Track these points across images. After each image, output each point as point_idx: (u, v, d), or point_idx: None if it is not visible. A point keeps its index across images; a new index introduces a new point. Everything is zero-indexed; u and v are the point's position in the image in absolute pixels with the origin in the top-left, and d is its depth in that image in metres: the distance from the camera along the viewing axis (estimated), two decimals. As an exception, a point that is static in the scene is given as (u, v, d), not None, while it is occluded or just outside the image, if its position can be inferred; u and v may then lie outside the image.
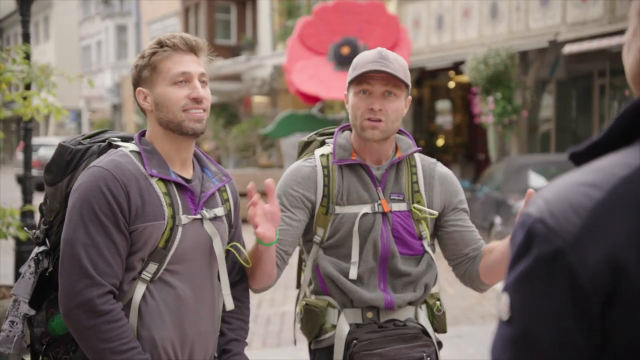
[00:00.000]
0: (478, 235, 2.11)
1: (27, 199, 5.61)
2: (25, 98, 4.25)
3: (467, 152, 16.57)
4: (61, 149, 1.86)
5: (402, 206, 2.01)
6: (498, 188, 8.59)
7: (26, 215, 5.42)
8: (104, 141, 1.88)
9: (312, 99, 11.03)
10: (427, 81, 16.68)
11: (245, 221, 1.90)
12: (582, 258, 0.75)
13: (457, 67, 13.83)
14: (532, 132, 14.93)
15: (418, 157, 2.09)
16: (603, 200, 0.76)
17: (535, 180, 8.23)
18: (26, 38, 5.36)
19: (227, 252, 1.91)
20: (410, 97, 2.03)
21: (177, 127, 1.79)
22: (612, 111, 14.17)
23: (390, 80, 1.93)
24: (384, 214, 1.99)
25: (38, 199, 8.11)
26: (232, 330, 1.94)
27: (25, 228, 2.15)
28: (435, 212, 2.02)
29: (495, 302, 6.74)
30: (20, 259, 5.62)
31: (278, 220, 1.80)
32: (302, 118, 11.46)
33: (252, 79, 18.63)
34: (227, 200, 1.91)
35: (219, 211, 1.86)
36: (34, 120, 4.96)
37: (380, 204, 1.98)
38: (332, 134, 2.15)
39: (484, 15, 14.22)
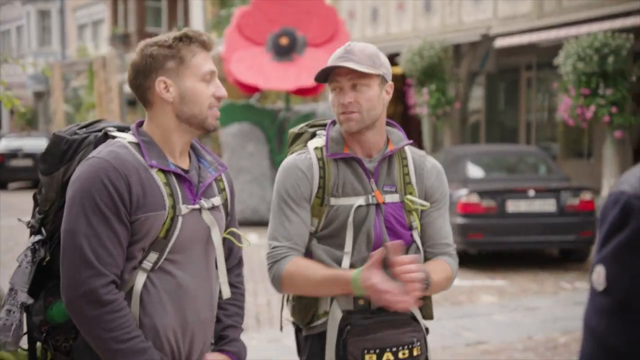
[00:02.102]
0: (443, 236, 2.10)
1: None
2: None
3: (400, 142, 16.82)
4: (56, 139, 1.83)
5: (395, 197, 2.05)
6: (436, 178, 8.80)
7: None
8: (100, 131, 1.87)
9: (251, 89, 10.99)
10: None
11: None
12: None
13: (392, 59, 14.02)
14: (463, 123, 15.34)
15: (408, 149, 2.13)
16: None
17: (472, 170, 8.48)
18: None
19: (224, 239, 1.93)
20: (391, 83, 2.05)
21: (200, 123, 1.80)
22: (538, 103, 14.73)
23: (355, 72, 1.98)
24: (377, 205, 2.03)
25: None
26: (229, 316, 1.97)
27: (19, 218, 2.11)
28: (427, 204, 2.06)
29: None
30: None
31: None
32: (240, 108, 11.40)
33: (185, 68, 18.34)
34: (224, 189, 1.94)
35: (216, 200, 1.88)
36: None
37: (374, 196, 2.03)
38: (323, 125, 2.18)
39: (418, 8, 14.49)
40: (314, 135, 2.16)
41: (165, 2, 22.61)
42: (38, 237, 1.85)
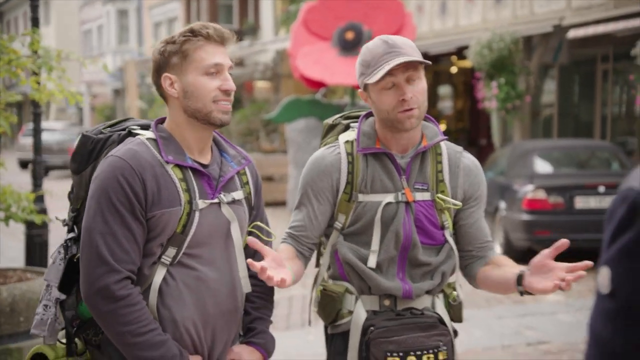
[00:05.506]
0: (486, 234, 2.08)
1: (37, 183, 5.64)
2: (38, 83, 4.25)
3: (469, 137, 16.57)
4: (84, 139, 1.90)
5: (426, 196, 1.99)
6: (503, 173, 8.60)
7: (37, 199, 5.44)
8: (124, 129, 1.91)
9: (317, 84, 11.01)
10: (430, 66, 16.66)
11: (268, 204, 1.93)
12: None
13: (460, 52, 13.80)
14: (534, 117, 14.94)
15: (444, 145, 2.05)
16: None
17: (541, 165, 8.25)
18: (35, 22, 5.36)
19: (250, 233, 1.94)
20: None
21: (205, 117, 1.82)
22: (615, 97, 14.17)
23: (409, 65, 1.92)
24: (407, 203, 1.97)
25: (47, 183, 8.00)
26: (256, 309, 1.99)
27: (56, 216, 2.21)
28: (459, 203, 1.99)
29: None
30: (30, 243, 5.65)
31: (281, 262, 1.83)
32: (306, 103, 11.44)
33: (255, 64, 18.59)
34: (247, 183, 1.94)
35: (238, 194, 1.89)
36: (41, 105, 4.99)
37: (403, 193, 1.97)
38: (357, 117, 2.13)
39: (488, 0, 14.19)
40: (347, 127, 2.11)
41: (236, -1, 22.93)
42: (71, 235, 1.91)
